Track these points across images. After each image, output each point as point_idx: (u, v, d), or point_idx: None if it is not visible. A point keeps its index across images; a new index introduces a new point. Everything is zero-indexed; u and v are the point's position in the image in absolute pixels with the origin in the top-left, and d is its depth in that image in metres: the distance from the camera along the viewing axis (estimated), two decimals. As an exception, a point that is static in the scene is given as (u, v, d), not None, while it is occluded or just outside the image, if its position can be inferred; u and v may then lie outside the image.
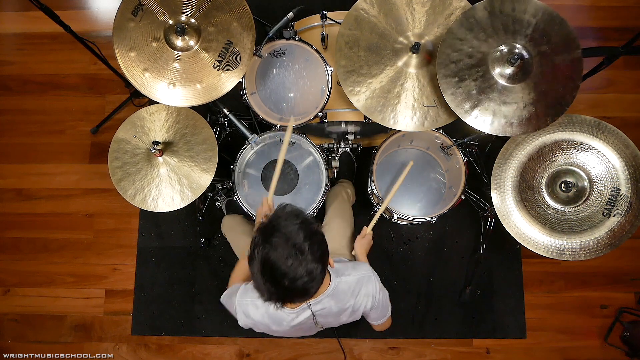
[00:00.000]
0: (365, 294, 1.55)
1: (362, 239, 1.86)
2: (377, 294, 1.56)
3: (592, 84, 2.67)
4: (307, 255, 1.24)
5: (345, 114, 2.03)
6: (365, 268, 1.60)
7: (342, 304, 1.52)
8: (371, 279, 1.56)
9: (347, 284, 1.52)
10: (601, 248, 1.75)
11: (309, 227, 1.28)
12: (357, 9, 1.76)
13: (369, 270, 1.60)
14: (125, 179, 1.85)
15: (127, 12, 1.69)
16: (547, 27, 1.63)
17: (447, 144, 2.06)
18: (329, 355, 2.44)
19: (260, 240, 1.26)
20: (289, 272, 1.23)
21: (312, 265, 1.25)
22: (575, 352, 2.46)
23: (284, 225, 1.27)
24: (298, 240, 1.24)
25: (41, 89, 2.78)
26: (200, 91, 1.71)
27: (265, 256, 1.24)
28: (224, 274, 2.50)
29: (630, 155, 1.75)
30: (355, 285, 1.54)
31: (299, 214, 1.31)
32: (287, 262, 1.22)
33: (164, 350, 2.49)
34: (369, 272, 1.58)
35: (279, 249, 1.23)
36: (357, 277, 1.55)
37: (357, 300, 1.54)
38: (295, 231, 1.25)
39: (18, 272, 2.60)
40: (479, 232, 2.41)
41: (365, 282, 1.55)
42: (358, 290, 1.54)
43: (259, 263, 1.25)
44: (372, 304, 1.57)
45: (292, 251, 1.23)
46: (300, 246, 1.24)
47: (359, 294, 1.54)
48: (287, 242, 1.23)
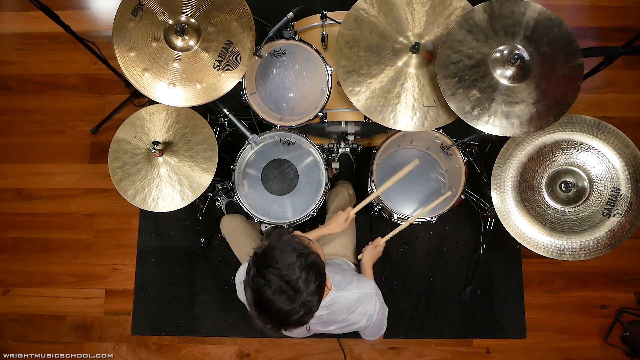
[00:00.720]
0: (362, 313, 1.51)
1: (373, 249, 1.83)
2: (375, 314, 1.52)
3: (592, 84, 2.68)
4: (302, 293, 1.19)
5: (345, 114, 2.03)
6: (369, 286, 1.55)
7: (334, 316, 1.50)
8: (372, 298, 1.52)
9: (346, 299, 1.49)
10: (601, 248, 1.75)
11: (305, 261, 1.22)
12: (357, 9, 1.76)
13: (373, 289, 1.54)
14: (126, 179, 1.85)
15: (127, 12, 1.69)
16: (547, 29, 1.63)
17: (447, 144, 2.06)
18: (329, 355, 2.45)
19: (255, 272, 1.22)
20: (282, 308, 1.19)
21: (308, 298, 1.21)
22: (575, 352, 2.46)
23: (279, 259, 1.21)
24: (293, 276, 1.19)
25: (41, 89, 2.78)
26: (200, 91, 1.71)
27: (259, 291, 1.20)
28: (224, 274, 2.51)
29: (630, 155, 1.75)
30: (353, 302, 1.50)
31: (295, 246, 1.24)
32: (281, 298, 1.18)
33: (164, 350, 2.49)
34: (371, 292, 1.53)
35: (272, 285, 1.18)
36: (358, 295, 1.51)
37: (351, 317, 1.51)
38: (290, 266, 1.20)
39: (18, 272, 2.60)
40: (479, 232, 2.41)
41: (366, 301, 1.51)
42: (355, 307, 1.50)
43: (252, 295, 1.22)
44: (367, 324, 1.53)
45: (286, 288, 1.18)
46: (294, 283, 1.19)
47: (355, 311, 1.50)
48: (281, 278, 1.18)
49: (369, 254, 1.83)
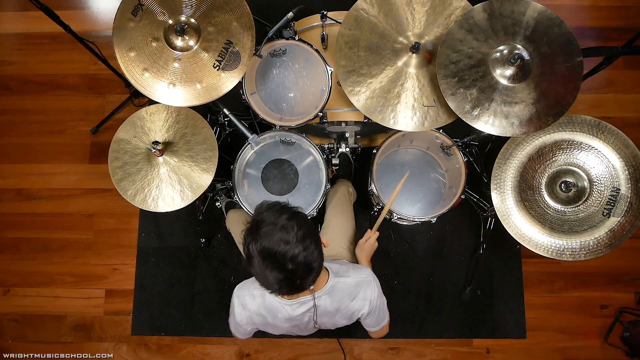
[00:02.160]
0: (363, 298, 1.53)
1: (364, 243, 1.84)
2: (376, 299, 1.55)
3: (592, 84, 2.67)
4: (296, 231, 1.27)
5: (345, 114, 2.03)
6: (366, 272, 1.58)
7: (338, 304, 1.52)
8: (371, 283, 1.55)
9: (346, 284, 1.52)
10: (601, 248, 1.75)
11: (289, 210, 1.32)
12: (357, 9, 1.76)
13: (370, 274, 1.58)
14: (126, 179, 1.85)
15: (127, 12, 1.69)
16: (547, 29, 1.63)
17: (447, 144, 2.06)
18: (329, 355, 2.45)
19: (251, 238, 1.29)
20: (287, 251, 1.24)
21: (306, 239, 1.27)
22: (575, 352, 2.46)
23: (266, 216, 1.30)
24: (282, 221, 1.28)
25: (41, 89, 2.78)
26: (200, 91, 1.71)
27: (260, 247, 1.26)
28: (224, 274, 2.51)
29: (630, 155, 1.75)
30: (354, 287, 1.53)
31: (276, 204, 1.34)
32: (281, 243, 1.25)
33: (164, 350, 2.49)
34: (369, 277, 1.56)
35: (270, 235, 1.26)
36: (357, 280, 1.54)
37: (353, 303, 1.53)
38: (278, 216, 1.29)
39: (18, 272, 2.60)
40: (479, 232, 2.41)
41: (365, 285, 1.54)
42: (356, 293, 1.53)
43: (258, 256, 1.27)
44: (370, 309, 1.55)
45: (282, 233, 1.26)
46: (286, 225, 1.27)
47: (356, 297, 1.53)
48: (274, 227, 1.27)
49: (360, 249, 1.84)
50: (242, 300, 1.56)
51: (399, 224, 2.36)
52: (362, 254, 1.84)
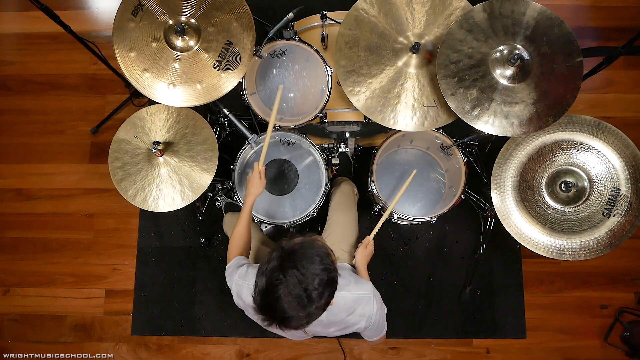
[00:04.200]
0: (360, 314, 1.52)
1: (364, 249, 1.83)
2: (374, 315, 1.53)
3: (592, 84, 2.67)
4: (313, 304, 1.23)
5: (345, 114, 2.03)
6: (367, 287, 1.56)
7: (334, 317, 1.50)
8: (370, 300, 1.53)
9: (344, 299, 1.50)
10: (601, 248, 1.75)
11: (327, 276, 1.26)
12: (357, 9, 1.76)
13: (371, 290, 1.56)
14: (126, 179, 1.85)
15: (127, 12, 1.69)
16: (547, 29, 1.63)
17: (447, 144, 2.06)
18: (329, 355, 2.45)
19: (277, 266, 1.24)
20: (287, 311, 1.22)
21: (315, 311, 1.25)
22: (575, 352, 2.46)
23: (306, 264, 1.24)
24: (311, 287, 1.22)
25: (41, 89, 2.78)
26: (200, 91, 1.71)
27: (274, 286, 1.22)
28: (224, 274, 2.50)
29: (630, 155, 1.75)
30: (352, 303, 1.51)
31: (324, 258, 1.27)
32: (292, 303, 1.22)
33: (164, 350, 2.49)
34: (369, 293, 1.54)
35: (289, 286, 1.21)
36: (357, 296, 1.52)
37: (350, 318, 1.52)
38: (314, 276, 1.23)
39: (18, 272, 2.60)
40: (479, 232, 2.41)
41: (364, 302, 1.52)
42: (354, 308, 1.51)
43: (265, 285, 1.24)
44: (367, 325, 1.54)
45: (301, 295, 1.21)
46: (310, 293, 1.22)
47: (353, 313, 1.51)
48: (300, 284, 1.21)
49: (360, 255, 1.83)
50: (238, 289, 1.56)
51: (399, 224, 2.36)
52: (361, 260, 1.83)
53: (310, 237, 1.33)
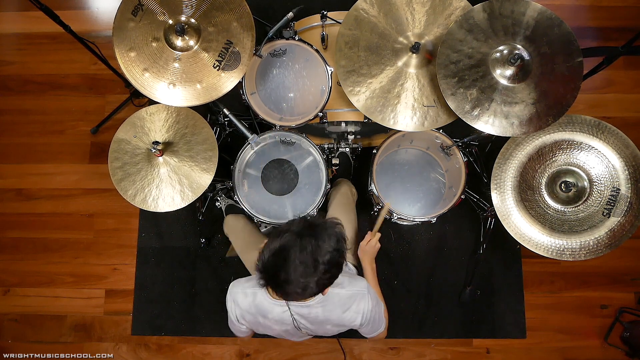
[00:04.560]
0: (355, 311, 1.53)
1: (366, 246, 1.83)
2: (369, 312, 1.54)
3: (592, 84, 2.67)
4: (316, 276, 1.27)
5: (345, 114, 2.03)
6: (361, 285, 1.58)
7: (328, 314, 1.51)
8: (365, 297, 1.54)
9: (338, 296, 1.51)
10: (601, 248, 1.75)
11: (338, 257, 1.31)
12: (357, 9, 1.76)
13: (365, 287, 1.57)
14: (126, 179, 1.85)
15: (127, 12, 1.69)
16: (547, 29, 1.63)
17: (447, 144, 2.06)
18: (329, 355, 2.44)
19: (296, 230, 1.28)
20: (290, 275, 1.25)
21: (313, 285, 1.28)
22: (575, 352, 2.46)
23: (325, 239, 1.28)
24: (321, 260, 1.26)
25: (41, 89, 2.78)
26: (200, 91, 1.71)
27: (287, 247, 1.26)
28: (224, 274, 2.51)
29: (630, 155, 1.75)
30: (346, 299, 1.52)
31: (339, 239, 1.32)
32: (299, 267, 1.25)
33: (164, 350, 2.49)
34: (364, 290, 1.55)
35: (303, 252, 1.25)
36: (351, 293, 1.53)
37: (345, 315, 1.53)
38: (327, 252, 1.27)
39: (18, 272, 2.60)
40: (479, 232, 2.41)
41: (359, 299, 1.54)
42: (349, 305, 1.53)
43: (278, 245, 1.27)
44: (362, 321, 1.55)
45: (310, 264, 1.25)
46: (317, 266, 1.26)
47: (348, 309, 1.52)
48: (312, 254, 1.26)
49: (362, 252, 1.83)
50: (234, 296, 1.57)
51: (399, 224, 2.36)
52: (365, 256, 1.84)
53: (335, 220, 1.37)
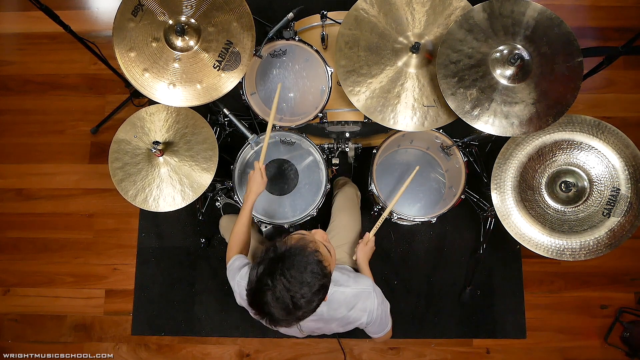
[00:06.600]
0: (361, 309, 1.52)
1: (364, 246, 1.83)
2: (375, 310, 1.53)
3: (592, 84, 2.68)
4: (300, 310, 1.22)
5: (345, 114, 2.03)
6: (367, 283, 1.56)
7: (333, 312, 1.51)
8: (371, 295, 1.53)
9: (344, 294, 1.51)
10: (601, 248, 1.75)
11: (317, 283, 1.23)
12: (357, 9, 1.76)
13: (371, 285, 1.56)
14: (126, 180, 1.85)
15: (127, 12, 1.69)
16: (547, 29, 1.63)
17: (447, 144, 2.06)
18: (329, 355, 2.45)
19: (265, 269, 1.22)
20: (274, 314, 1.22)
21: (302, 315, 1.24)
22: (575, 352, 2.46)
23: (295, 273, 1.20)
24: (298, 295, 1.20)
25: (41, 89, 2.78)
26: (200, 91, 1.71)
27: (260, 290, 1.21)
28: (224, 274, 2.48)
29: (630, 155, 1.75)
30: (352, 297, 1.52)
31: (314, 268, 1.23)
32: (277, 307, 1.20)
33: (164, 350, 2.49)
34: (369, 288, 1.54)
35: (276, 292, 1.19)
36: (357, 291, 1.52)
37: (351, 313, 1.52)
38: (301, 285, 1.20)
39: (18, 272, 2.60)
40: (479, 232, 2.41)
41: (364, 297, 1.53)
42: (354, 303, 1.52)
43: (252, 288, 1.23)
44: (369, 320, 1.54)
45: (288, 302, 1.20)
46: (297, 301, 1.20)
47: (354, 308, 1.52)
48: (287, 291, 1.19)
49: (361, 252, 1.83)
50: (240, 290, 1.55)
51: (399, 224, 2.36)
52: (362, 256, 1.83)
53: (304, 239, 1.29)
